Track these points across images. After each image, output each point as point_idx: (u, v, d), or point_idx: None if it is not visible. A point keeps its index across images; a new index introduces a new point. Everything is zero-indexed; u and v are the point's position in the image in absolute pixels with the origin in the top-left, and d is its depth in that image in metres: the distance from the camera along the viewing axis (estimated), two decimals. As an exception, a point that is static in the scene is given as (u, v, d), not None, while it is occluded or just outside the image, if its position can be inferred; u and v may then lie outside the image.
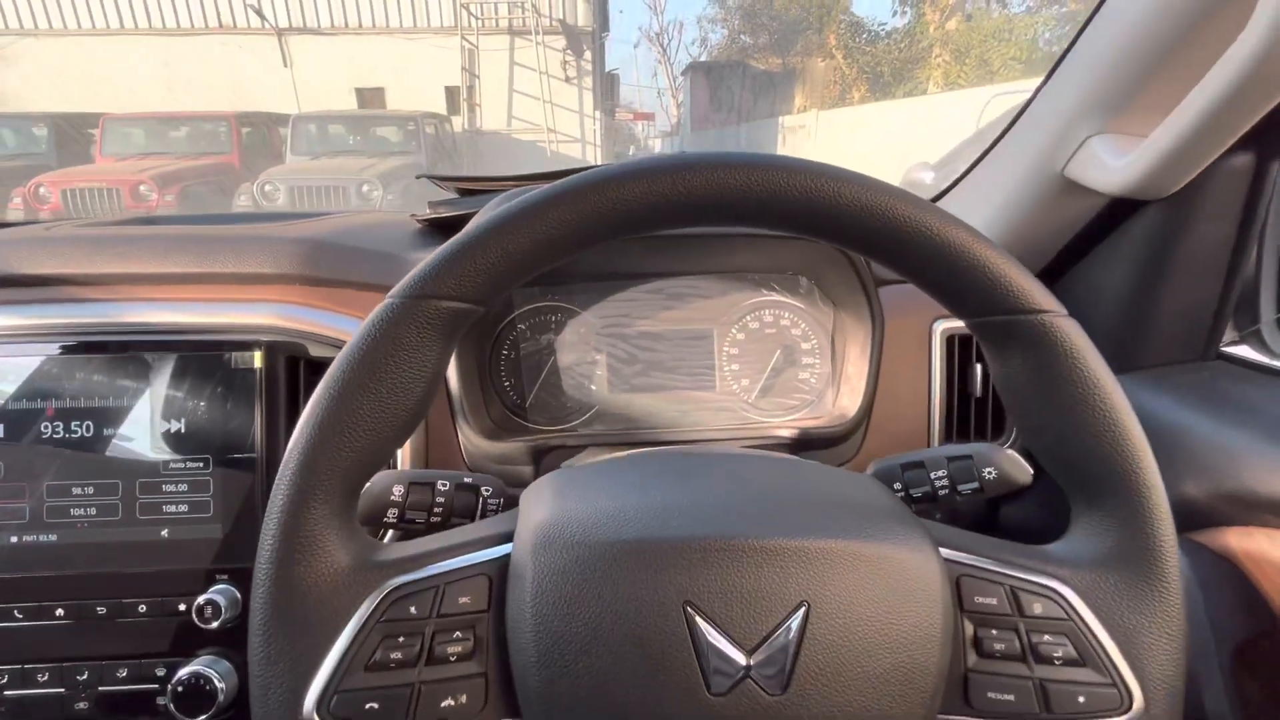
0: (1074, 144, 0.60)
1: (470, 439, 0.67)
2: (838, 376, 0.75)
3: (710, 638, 0.33)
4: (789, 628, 0.33)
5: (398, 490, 0.47)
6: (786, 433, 0.71)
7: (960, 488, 0.50)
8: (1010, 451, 0.51)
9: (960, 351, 0.73)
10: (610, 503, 0.37)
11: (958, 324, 0.73)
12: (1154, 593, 0.36)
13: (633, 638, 0.33)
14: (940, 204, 0.95)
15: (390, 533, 0.60)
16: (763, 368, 0.75)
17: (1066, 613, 0.36)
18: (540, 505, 0.39)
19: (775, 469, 0.43)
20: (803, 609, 0.33)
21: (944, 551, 0.38)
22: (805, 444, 0.71)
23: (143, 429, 0.58)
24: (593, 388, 0.74)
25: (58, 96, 9.57)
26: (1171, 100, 0.51)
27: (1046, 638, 0.36)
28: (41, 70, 10.04)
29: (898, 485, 0.52)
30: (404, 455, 0.64)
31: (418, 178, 0.96)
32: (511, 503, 0.50)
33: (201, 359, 0.59)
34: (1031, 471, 0.50)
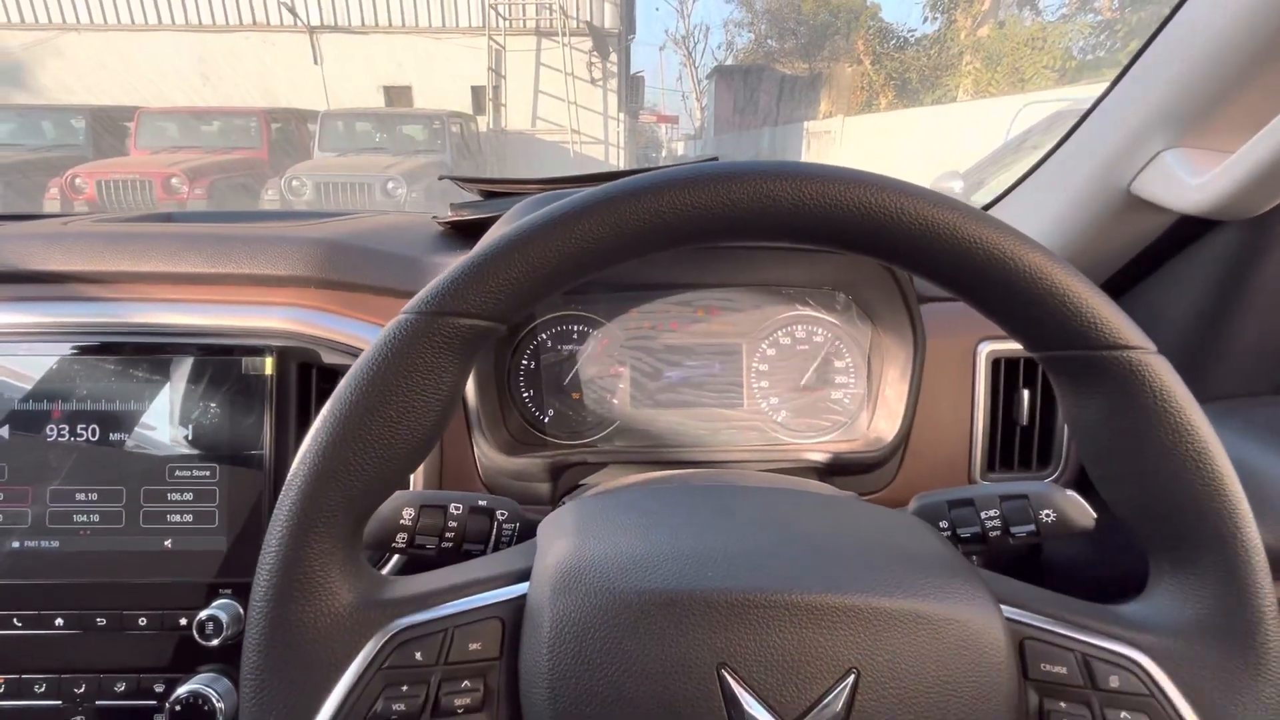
0: (1143, 158, 0.56)
1: (486, 453, 0.64)
2: (874, 398, 0.71)
3: (747, 705, 0.29)
4: (836, 697, 0.29)
5: (408, 514, 0.44)
6: (818, 456, 0.67)
7: (1014, 530, 0.46)
8: (1070, 493, 0.47)
9: (1006, 376, 0.69)
10: (637, 544, 0.34)
11: (1005, 346, 0.69)
12: (1250, 670, 0.31)
13: (660, 702, 0.29)
14: None
15: (396, 557, 0.57)
16: (794, 386, 0.72)
17: (1147, 687, 0.32)
18: (560, 541, 0.35)
19: (816, 507, 0.40)
20: (852, 676, 0.30)
21: (1006, 610, 0.34)
22: (838, 469, 0.67)
23: (149, 434, 0.56)
24: (615, 402, 0.71)
25: (95, 90, 9.80)
26: (1260, 115, 0.46)
27: (1124, 715, 0.32)
28: (80, 64, 10.29)
29: (944, 523, 0.48)
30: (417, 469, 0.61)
31: (440, 179, 0.93)
32: (528, 528, 0.47)
33: (212, 363, 0.56)
34: (1094, 516, 0.46)
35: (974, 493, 0.48)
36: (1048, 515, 0.46)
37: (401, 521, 0.44)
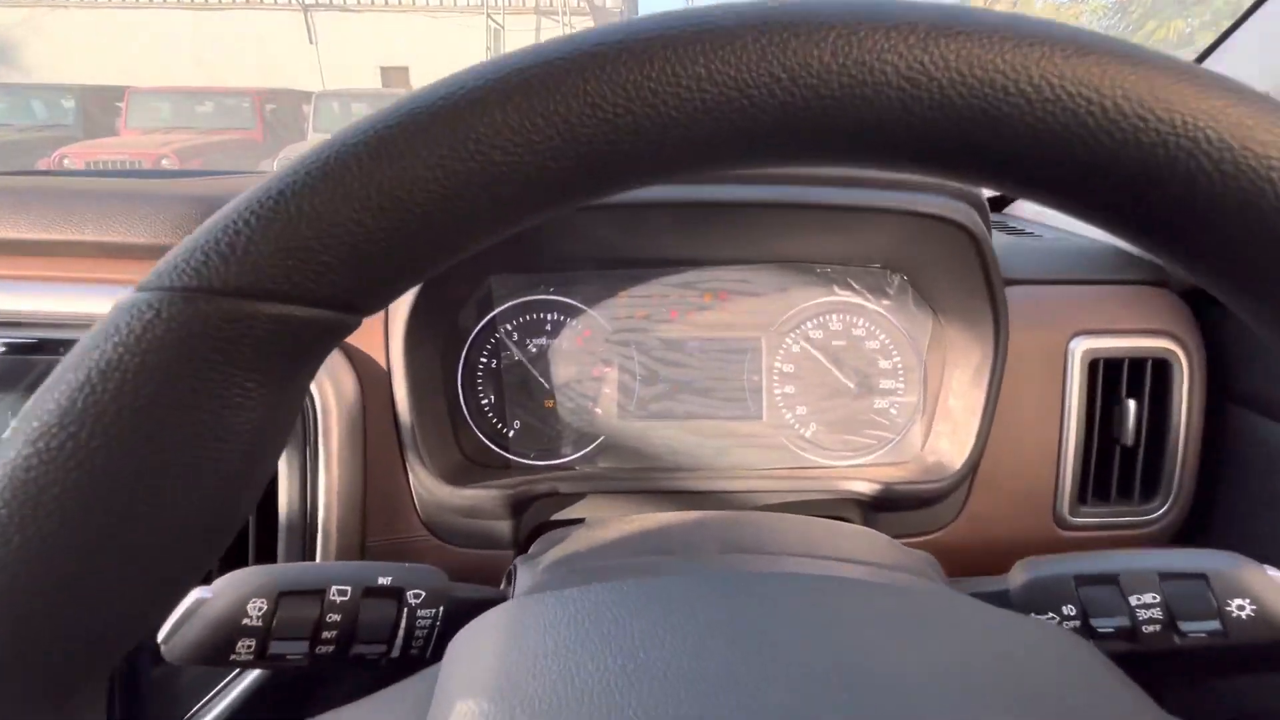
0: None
1: (426, 484, 0.49)
2: (930, 409, 0.55)
3: None
4: None
5: (256, 608, 0.28)
6: (861, 486, 0.52)
7: (1185, 626, 0.31)
8: (1274, 572, 0.31)
9: (1106, 381, 0.53)
10: (601, 709, 0.18)
11: (1105, 343, 0.53)
12: None
13: None
14: None
15: (256, 672, 0.41)
16: (827, 394, 0.56)
17: None
18: (466, 705, 0.20)
19: (921, 637, 0.24)
20: None
21: None
22: (886, 503, 0.52)
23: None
24: (598, 412, 0.56)
25: (86, 69, 9.58)
26: None
27: None
28: (72, 42, 10.07)
29: (1069, 608, 0.33)
30: (328, 504, 0.45)
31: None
32: (458, 614, 0.32)
33: (21, 364, 0.41)
34: None
35: (1117, 564, 0.33)
36: (1242, 607, 0.30)
37: (246, 622, 0.28)
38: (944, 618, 0.24)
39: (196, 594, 0.28)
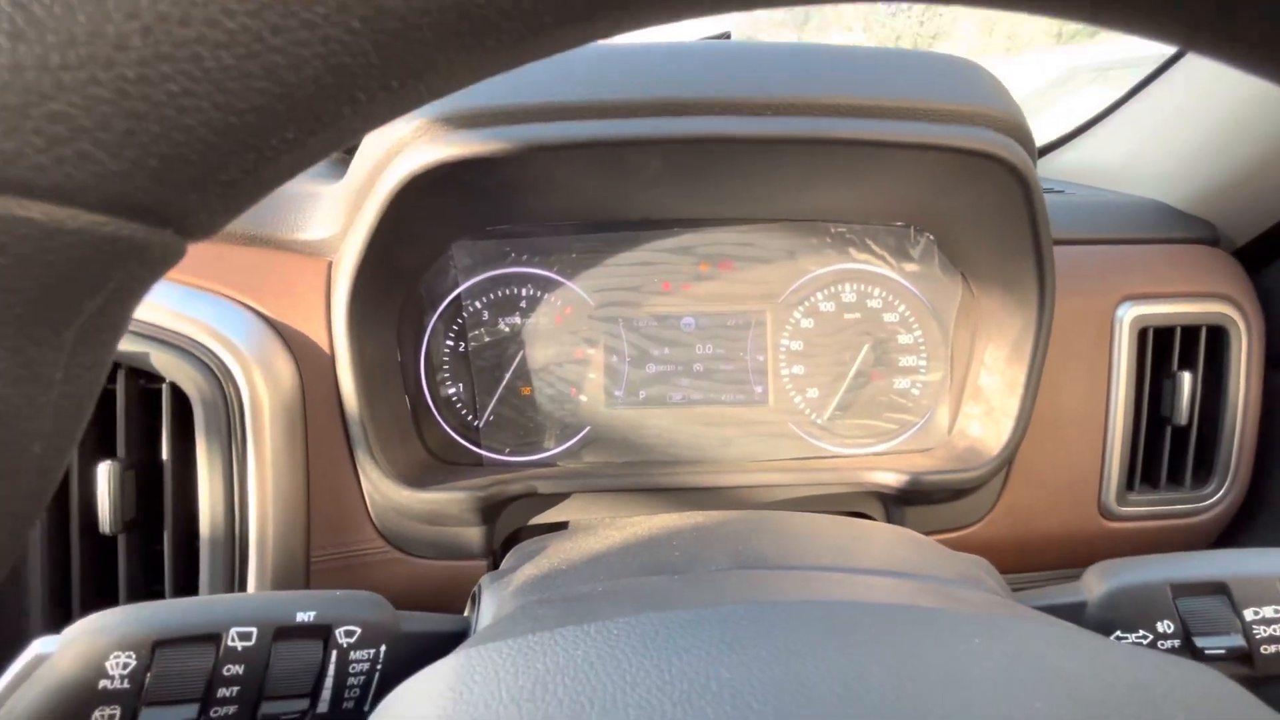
0: None
1: (380, 486, 0.42)
2: (959, 388, 0.49)
3: None
4: None
5: (118, 664, 0.21)
6: (884, 477, 0.45)
7: None
8: None
9: (1156, 352, 0.47)
10: None
11: (1154, 309, 0.47)
12: None
13: None
14: (1068, 152, 0.68)
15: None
16: (841, 373, 0.49)
17: None
18: None
19: (1007, 660, 0.18)
20: None
21: None
22: (914, 496, 0.45)
23: None
24: (582, 400, 0.49)
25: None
26: None
27: None
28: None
29: (1165, 625, 0.27)
30: (262, 514, 0.38)
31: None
32: (403, 659, 0.25)
33: None
34: None
35: (1223, 569, 0.27)
36: None
37: (106, 684, 0.21)
38: (1063, 659, 0.18)
39: (36, 647, 0.21)
